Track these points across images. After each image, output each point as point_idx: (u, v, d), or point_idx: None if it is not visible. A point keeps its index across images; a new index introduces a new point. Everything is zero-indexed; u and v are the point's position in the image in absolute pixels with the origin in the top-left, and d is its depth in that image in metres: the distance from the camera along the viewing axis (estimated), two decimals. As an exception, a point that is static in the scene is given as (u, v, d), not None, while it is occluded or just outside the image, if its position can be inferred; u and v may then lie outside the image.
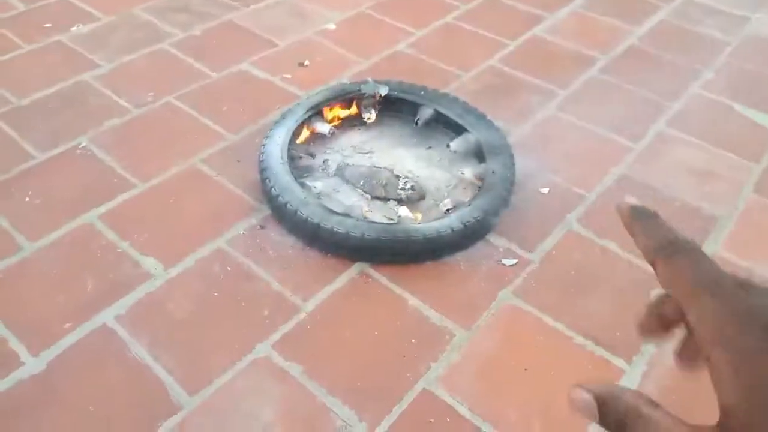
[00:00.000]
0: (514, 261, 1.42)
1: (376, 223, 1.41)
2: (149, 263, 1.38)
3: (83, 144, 1.67)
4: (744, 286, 0.30)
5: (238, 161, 1.64)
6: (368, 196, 1.55)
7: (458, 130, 1.70)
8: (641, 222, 0.35)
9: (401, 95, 1.76)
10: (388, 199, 1.54)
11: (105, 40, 2.09)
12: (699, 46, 2.20)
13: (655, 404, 0.30)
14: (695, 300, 0.29)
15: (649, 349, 1.26)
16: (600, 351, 1.25)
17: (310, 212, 1.39)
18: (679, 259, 0.31)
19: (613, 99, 1.94)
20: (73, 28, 2.14)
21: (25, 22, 2.16)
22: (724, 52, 2.18)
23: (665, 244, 0.32)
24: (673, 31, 2.28)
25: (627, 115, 1.88)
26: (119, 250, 1.40)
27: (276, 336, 1.25)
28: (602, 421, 0.30)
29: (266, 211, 1.51)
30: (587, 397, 0.30)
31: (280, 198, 1.43)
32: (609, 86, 1.99)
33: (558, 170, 1.67)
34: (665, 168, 1.70)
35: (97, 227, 1.46)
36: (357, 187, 1.57)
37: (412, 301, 1.33)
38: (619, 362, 1.24)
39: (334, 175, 1.61)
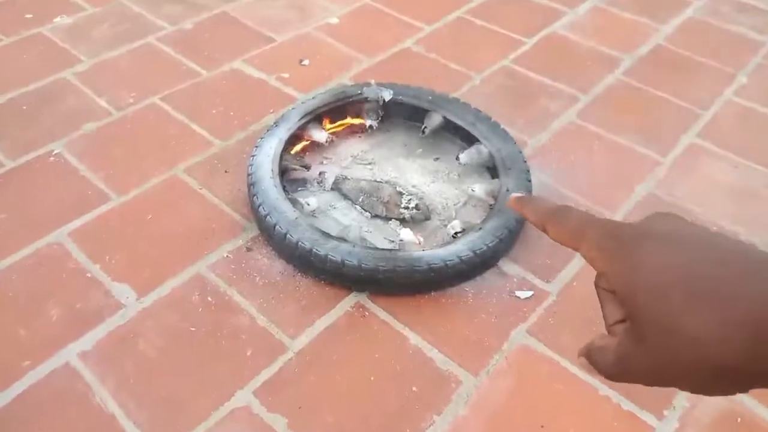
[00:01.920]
0: (530, 293, 1.27)
1: (375, 249, 1.25)
2: (121, 291, 1.23)
3: (56, 151, 1.52)
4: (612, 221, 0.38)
5: (226, 172, 1.49)
6: (368, 214, 1.40)
7: (469, 140, 1.54)
8: (527, 203, 0.43)
9: (407, 100, 1.60)
10: (390, 219, 1.39)
11: (88, 32, 1.93)
12: (731, 47, 2.03)
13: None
14: (581, 239, 0.37)
15: (682, 403, 1.11)
16: (627, 404, 1.10)
17: (302, 236, 1.24)
18: (560, 217, 0.40)
19: (638, 106, 1.77)
20: (56, 19, 1.99)
21: (4, 12, 2.01)
22: (759, 53, 2.01)
23: (547, 212, 0.41)
24: (702, 30, 2.10)
25: (654, 125, 1.71)
26: (89, 275, 1.26)
27: (258, 381, 1.10)
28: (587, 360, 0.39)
29: (255, 230, 1.37)
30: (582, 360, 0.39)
31: (268, 218, 1.28)
32: (634, 91, 1.82)
33: (579, 187, 1.51)
34: (697, 186, 1.53)
35: (66, 247, 1.31)
36: (356, 204, 1.42)
37: (414, 339, 1.18)
38: (648, 417, 1.09)
39: (331, 189, 1.46)
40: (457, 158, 1.50)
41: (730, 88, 1.85)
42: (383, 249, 1.26)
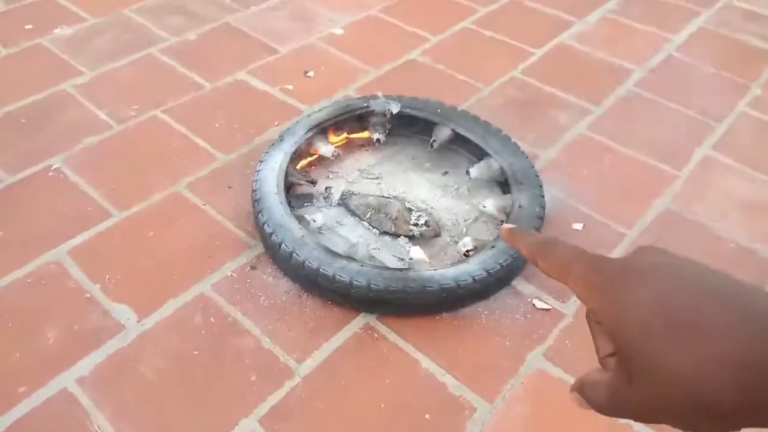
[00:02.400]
0: (549, 306, 1.23)
1: (384, 268, 1.21)
2: (121, 312, 1.19)
3: (56, 165, 1.48)
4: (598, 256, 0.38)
5: (230, 187, 1.45)
6: (375, 231, 1.36)
7: (479, 154, 1.50)
8: (518, 236, 0.44)
9: (415, 113, 1.56)
10: (399, 236, 1.35)
11: (89, 44, 1.90)
12: (742, 57, 1.99)
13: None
14: (568, 273, 0.38)
15: (707, 429, 1.06)
16: (648, 432, 1.05)
17: (308, 255, 1.20)
18: (548, 251, 0.40)
19: (651, 118, 1.73)
20: (56, 30, 1.95)
21: (3, 22, 1.98)
22: (772, 64, 1.97)
23: (537, 245, 0.42)
24: (713, 40, 2.07)
25: (667, 138, 1.67)
26: (88, 295, 1.22)
27: (264, 408, 1.06)
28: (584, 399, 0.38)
29: (260, 248, 1.32)
30: (575, 395, 0.38)
31: (274, 236, 1.24)
32: (646, 103, 1.78)
33: (592, 202, 1.46)
34: (713, 201, 1.49)
35: (65, 265, 1.27)
36: (363, 220, 1.38)
37: (425, 363, 1.14)
38: (671, 446, 1.04)
39: (338, 204, 1.42)
40: (467, 173, 1.46)
41: (743, 100, 1.81)
42: (393, 268, 1.22)
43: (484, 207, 1.38)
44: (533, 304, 1.24)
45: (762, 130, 1.71)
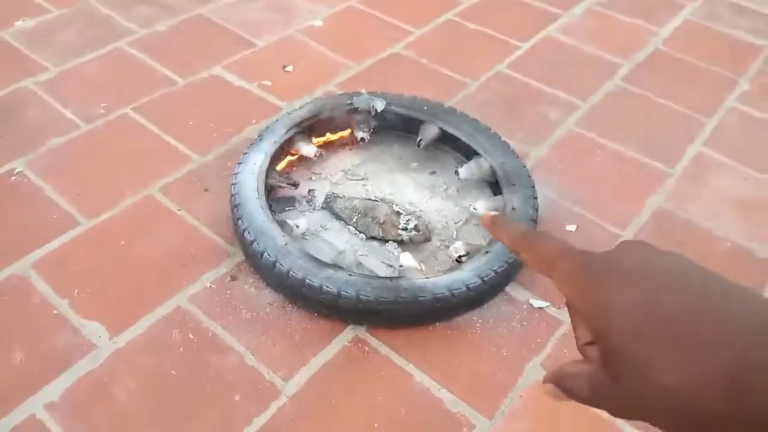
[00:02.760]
0: (546, 303, 1.18)
1: (374, 277, 1.15)
2: (92, 329, 1.11)
3: (18, 169, 1.39)
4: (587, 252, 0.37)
5: (206, 191, 1.37)
6: (362, 236, 1.29)
7: (467, 152, 1.44)
8: (501, 226, 0.43)
9: (400, 110, 1.49)
10: (387, 241, 1.28)
11: (53, 37, 1.79)
12: (730, 51, 1.96)
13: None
14: (551, 268, 0.37)
15: None
16: (653, 447, 1.01)
17: (292, 264, 1.13)
18: (532, 244, 0.40)
19: (640, 113, 1.69)
20: (18, 23, 1.84)
21: (-41, 14, 1.85)
22: (759, 58, 1.94)
23: (521, 236, 0.41)
24: (700, 34, 2.03)
25: (657, 133, 1.63)
26: (55, 312, 1.13)
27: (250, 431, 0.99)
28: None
29: (240, 255, 1.25)
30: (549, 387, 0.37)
31: (255, 244, 1.17)
32: (634, 98, 1.74)
33: (585, 202, 1.42)
34: (707, 199, 1.46)
35: (30, 279, 1.18)
36: (349, 225, 1.31)
37: (419, 377, 1.08)
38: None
39: (321, 208, 1.35)
40: (456, 173, 1.40)
41: (732, 95, 1.78)
42: (383, 277, 1.15)
43: (475, 209, 1.33)
44: (530, 303, 1.19)
45: (751, 125, 1.69)
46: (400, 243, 1.28)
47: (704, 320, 0.29)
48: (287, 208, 1.34)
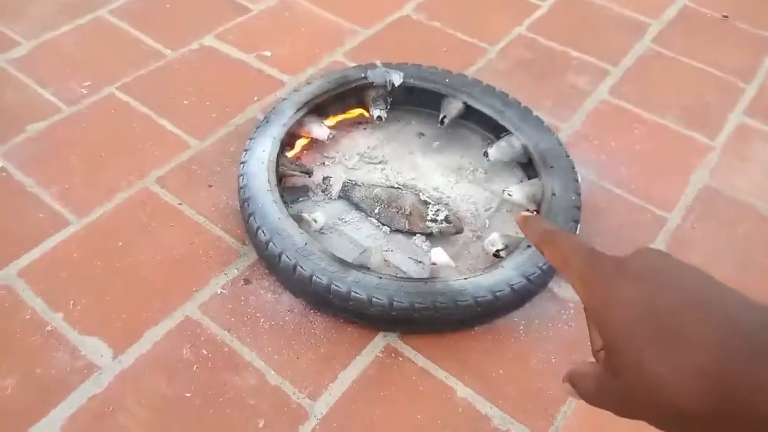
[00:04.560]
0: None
1: (406, 279, 1.03)
2: (92, 347, 0.98)
3: (-4, 162, 1.24)
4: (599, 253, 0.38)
5: (210, 186, 1.23)
6: (386, 229, 1.17)
7: (495, 130, 1.31)
8: (530, 224, 0.44)
9: (420, 84, 1.34)
10: (414, 233, 1.16)
11: (25, 8, 1.60)
12: (763, 7, 1.81)
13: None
14: (565, 266, 0.39)
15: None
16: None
17: (315, 268, 1.00)
18: (549, 242, 0.41)
19: (674, 79, 1.56)
20: (-18, -10, 1.64)
21: None
22: (795, 13, 1.80)
23: (541, 234, 0.42)
24: (729, -13, 1.88)
25: (695, 101, 1.50)
26: (49, 328, 1.00)
27: (279, 464, 0.88)
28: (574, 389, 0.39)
29: (252, 255, 1.12)
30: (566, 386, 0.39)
31: (271, 245, 1.04)
32: (667, 62, 1.61)
33: (626, 182, 1.30)
34: (755, 175, 1.34)
35: (17, 290, 1.05)
36: (370, 216, 1.18)
37: (461, 391, 0.97)
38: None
39: (339, 197, 1.22)
40: (485, 154, 1.27)
41: (770, 55, 1.65)
42: (416, 279, 1.03)
43: (510, 195, 1.20)
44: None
45: (795, 89, 1.56)
46: (429, 236, 1.16)
47: (696, 321, 0.31)
48: (300, 199, 1.21)
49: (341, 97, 1.32)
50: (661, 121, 1.44)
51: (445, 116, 1.32)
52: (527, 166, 1.26)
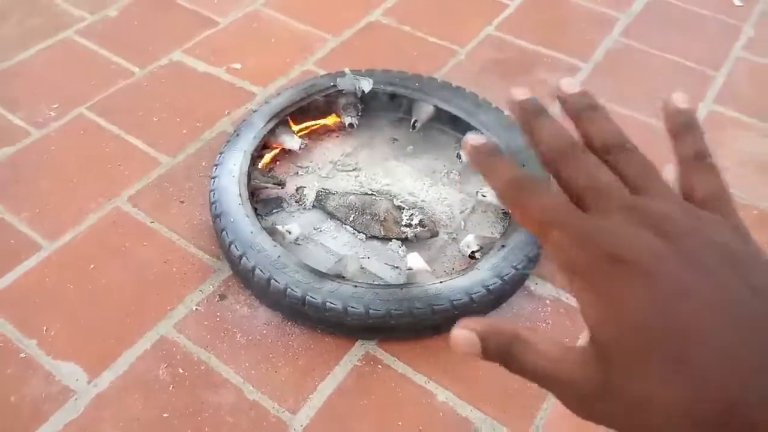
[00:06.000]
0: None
1: (382, 287, 1.02)
2: (68, 372, 0.97)
3: (-37, 189, 1.22)
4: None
5: (182, 202, 1.22)
6: (362, 236, 1.16)
7: (468, 131, 1.31)
8: (491, 162, 0.32)
9: (390, 89, 1.34)
10: (390, 239, 1.16)
11: (-11, 30, 1.59)
12: (729, -6, 1.83)
13: (533, 329, 0.36)
14: (546, 236, 0.29)
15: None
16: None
17: (289, 280, 1.00)
18: (526, 200, 0.30)
19: (644, 71, 1.57)
20: (-53, 16, 1.63)
21: None
22: (761, 0, 1.82)
23: (513, 187, 0.31)
24: (695, -24, 1.90)
25: (666, 93, 1.50)
26: (23, 355, 0.99)
27: (260, 480, 0.88)
28: (486, 355, 0.30)
29: (226, 270, 1.11)
30: (469, 334, 0.30)
31: (244, 259, 1.03)
32: (636, 54, 1.61)
33: (599, 177, 1.30)
34: (727, 163, 1.35)
35: (-12, 318, 1.03)
36: (345, 224, 1.18)
37: (442, 394, 0.97)
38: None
39: (313, 206, 1.21)
40: (458, 156, 1.27)
41: (738, 43, 1.66)
42: (392, 285, 1.03)
43: (483, 195, 1.20)
44: (557, 298, 1.08)
45: (763, 74, 1.57)
46: (405, 241, 1.15)
47: (720, 341, 0.25)
48: (274, 211, 1.20)
49: (312, 107, 1.32)
50: (633, 113, 1.44)
51: (416, 120, 1.32)
52: (500, 166, 1.26)
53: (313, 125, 1.34)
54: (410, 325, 0.99)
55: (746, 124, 1.44)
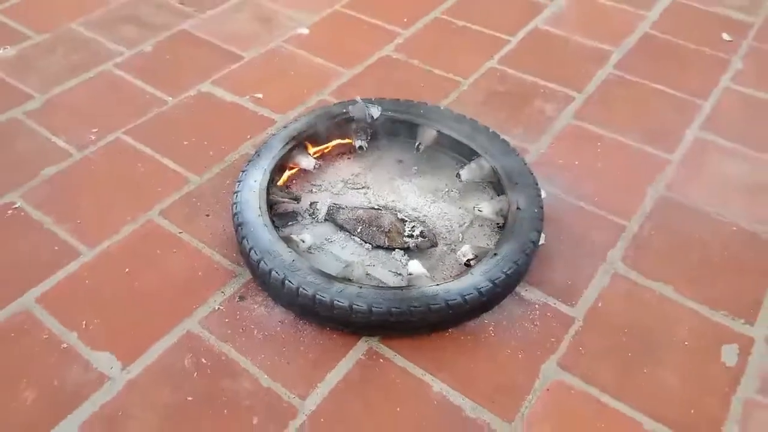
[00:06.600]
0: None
1: (384, 288, 1.14)
2: (103, 361, 1.09)
3: (16, 204, 1.37)
4: None
5: (207, 215, 1.35)
6: (368, 246, 1.28)
7: (467, 154, 1.43)
8: None
9: (397, 116, 1.48)
10: (393, 249, 1.27)
11: (37, 64, 1.77)
12: (720, 31, 1.95)
13: None
14: None
15: (732, 429, 1.02)
16: (677, 439, 1.01)
17: (302, 281, 1.12)
18: None
19: (635, 101, 1.69)
20: None
21: (-60, 47, 1.83)
22: (748, 35, 1.94)
23: None
24: (688, 14, 2.03)
25: (655, 120, 1.62)
26: (64, 346, 1.11)
27: (271, 455, 0.98)
28: None
29: (246, 275, 1.24)
30: None
31: (262, 263, 1.15)
32: (629, 85, 1.74)
33: (589, 195, 1.41)
34: (709, 184, 1.45)
35: (35, 314, 1.16)
36: (354, 235, 1.30)
37: (437, 386, 1.07)
38: (702, 452, 1.00)
39: (325, 220, 1.33)
40: (458, 175, 1.39)
41: (726, 75, 1.78)
42: (394, 287, 1.14)
43: (480, 211, 1.31)
44: (543, 302, 1.19)
45: (748, 105, 1.68)
46: (407, 250, 1.27)
47: None
48: (290, 223, 1.33)
49: (326, 131, 1.45)
50: (622, 139, 1.56)
51: (420, 143, 1.45)
52: (497, 185, 1.37)
53: (326, 147, 1.47)
54: (409, 322, 1.10)
55: (727, 147, 1.54)
